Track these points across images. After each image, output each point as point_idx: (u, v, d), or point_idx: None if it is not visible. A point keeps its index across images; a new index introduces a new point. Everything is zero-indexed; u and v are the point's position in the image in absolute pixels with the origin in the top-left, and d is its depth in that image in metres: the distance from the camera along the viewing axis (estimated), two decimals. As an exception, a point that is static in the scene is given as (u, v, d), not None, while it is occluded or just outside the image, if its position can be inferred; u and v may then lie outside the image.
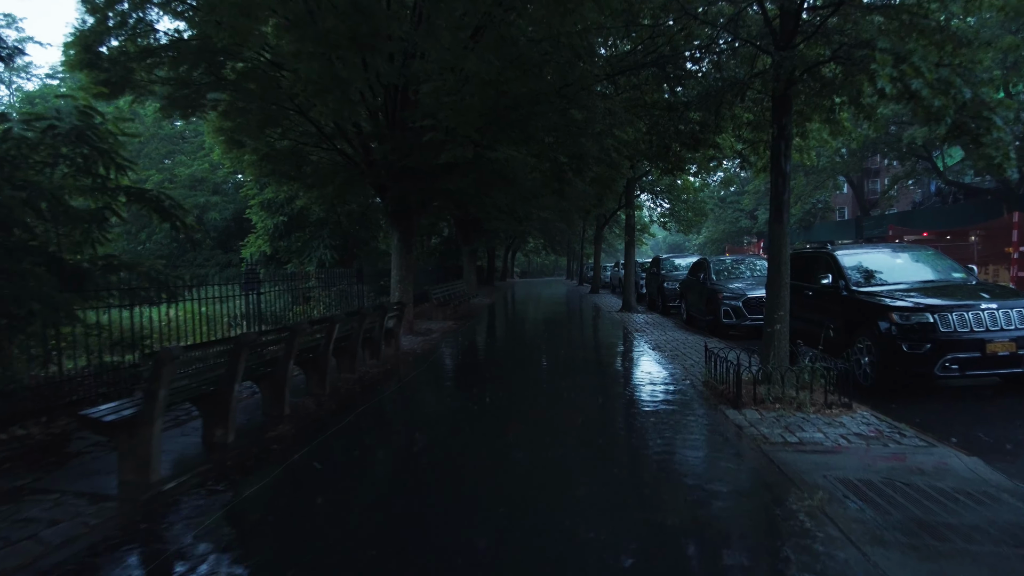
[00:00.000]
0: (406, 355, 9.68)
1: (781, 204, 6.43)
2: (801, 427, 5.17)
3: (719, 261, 13.67)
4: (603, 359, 9.57)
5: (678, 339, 11.18)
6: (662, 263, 18.61)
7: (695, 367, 8.16)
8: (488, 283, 36.37)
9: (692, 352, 9.46)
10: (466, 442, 5.21)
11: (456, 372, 8.79)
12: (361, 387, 7.31)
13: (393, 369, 8.50)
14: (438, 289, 16.16)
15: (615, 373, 8.36)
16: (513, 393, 7.17)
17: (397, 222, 11.96)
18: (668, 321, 14.67)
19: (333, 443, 5.19)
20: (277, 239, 14.15)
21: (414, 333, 12.13)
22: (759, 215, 48.09)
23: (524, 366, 8.97)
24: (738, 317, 11.58)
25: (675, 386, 7.05)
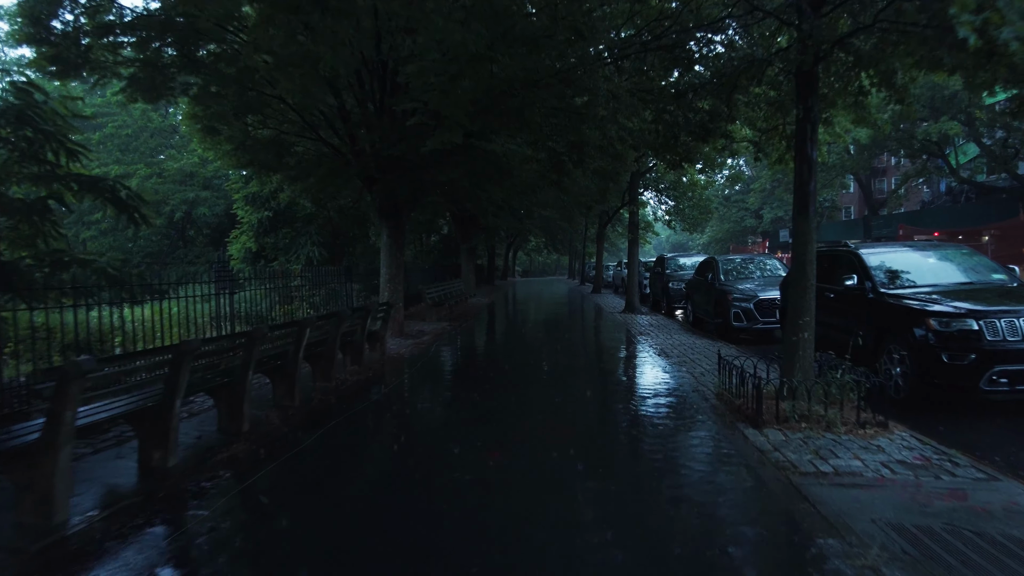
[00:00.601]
0: (393, 360, 8.98)
1: (806, 195, 5.71)
2: (833, 452, 4.46)
3: (728, 260, 12.94)
4: (605, 366, 8.86)
5: (685, 343, 10.46)
6: (667, 262, 17.89)
7: (706, 376, 7.45)
8: (488, 282, 35.67)
9: (701, 359, 8.75)
10: (446, 467, 4.50)
11: (444, 380, 8.09)
12: (337, 397, 6.61)
13: (376, 376, 7.81)
14: (433, 288, 15.46)
15: (618, 383, 7.65)
16: (505, 407, 6.46)
17: (386, 217, 11.26)
18: (673, 323, 13.95)
19: (291, 467, 4.49)
20: (262, 235, 13.45)
21: (404, 335, 11.43)
22: (764, 214, 47.36)
23: (519, 374, 8.27)
24: (749, 320, 10.86)
25: (685, 399, 6.34)
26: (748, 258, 13.22)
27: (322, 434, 5.25)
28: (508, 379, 7.88)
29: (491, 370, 8.57)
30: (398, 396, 6.88)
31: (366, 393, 6.82)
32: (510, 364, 9.05)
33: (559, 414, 6.02)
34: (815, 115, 5.68)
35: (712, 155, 9.67)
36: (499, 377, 8.01)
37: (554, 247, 48.42)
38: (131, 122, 24.88)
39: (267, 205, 13.29)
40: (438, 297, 15.49)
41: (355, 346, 8.01)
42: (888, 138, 25.46)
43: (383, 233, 11.46)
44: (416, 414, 6.33)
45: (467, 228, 22.10)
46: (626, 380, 7.72)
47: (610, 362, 9.15)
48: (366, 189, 10.83)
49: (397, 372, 8.15)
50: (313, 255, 12.70)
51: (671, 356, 9.06)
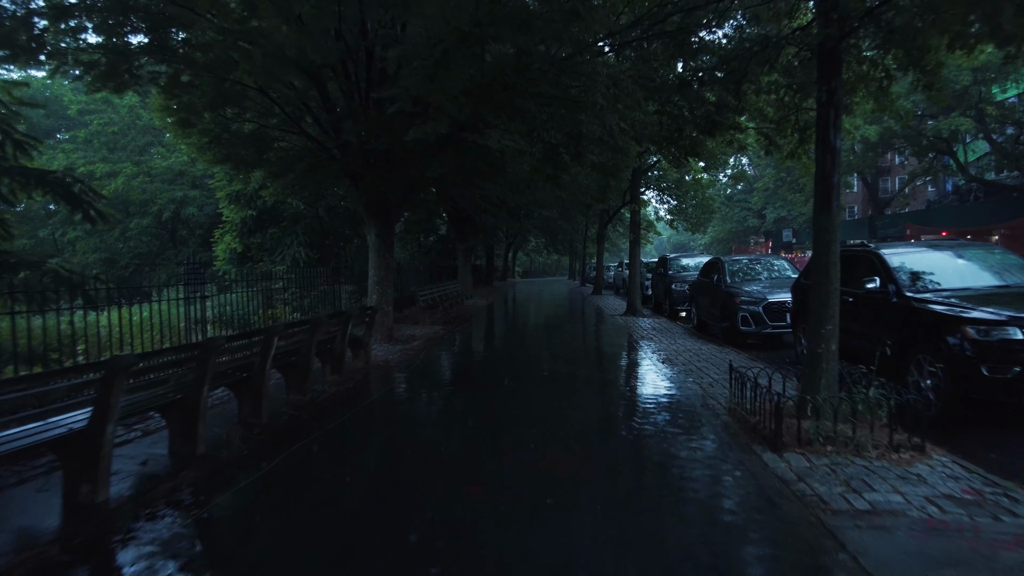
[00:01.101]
0: (378, 369, 8.39)
1: (829, 188, 5.11)
2: (867, 482, 3.86)
3: (734, 261, 12.35)
4: (606, 376, 8.25)
5: (691, 349, 9.87)
6: (669, 263, 17.29)
7: (715, 387, 6.85)
8: (487, 283, 35.07)
9: (709, 367, 8.15)
10: (426, 501, 3.91)
11: (430, 392, 7.50)
12: (311, 413, 6.02)
13: (357, 388, 7.21)
14: (426, 290, 14.87)
15: (621, 396, 7.04)
16: (495, 427, 5.87)
17: (374, 216, 10.67)
18: (677, 327, 13.35)
19: (243, 501, 3.91)
20: (246, 235, 12.87)
21: (394, 341, 10.84)
22: (767, 213, 46.73)
23: (513, 385, 7.67)
24: (758, 324, 10.26)
25: (693, 415, 5.74)
26: (755, 258, 12.63)
27: (285, 458, 4.66)
28: (501, 392, 7.29)
29: (483, 380, 7.98)
30: (377, 412, 6.29)
31: (342, 409, 6.22)
32: (504, 374, 8.46)
33: (555, 434, 5.42)
34: (839, 99, 5.08)
35: (720, 149, 9.09)
36: (491, 389, 7.42)
37: (554, 247, 47.82)
38: (118, 119, 24.19)
39: (252, 204, 12.69)
40: (432, 299, 14.90)
41: (335, 354, 7.43)
42: (895, 136, 24.86)
43: (371, 232, 10.87)
44: (395, 435, 5.74)
45: (464, 228, 21.51)
46: (629, 392, 7.11)
47: (611, 371, 8.55)
48: (353, 186, 10.25)
49: (381, 383, 7.56)
50: (299, 256, 12.11)
51: (676, 364, 8.47)
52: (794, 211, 43.20)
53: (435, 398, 7.10)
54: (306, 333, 6.53)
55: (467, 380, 8.02)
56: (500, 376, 8.21)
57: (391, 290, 11.10)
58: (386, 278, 10.87)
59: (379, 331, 10.77)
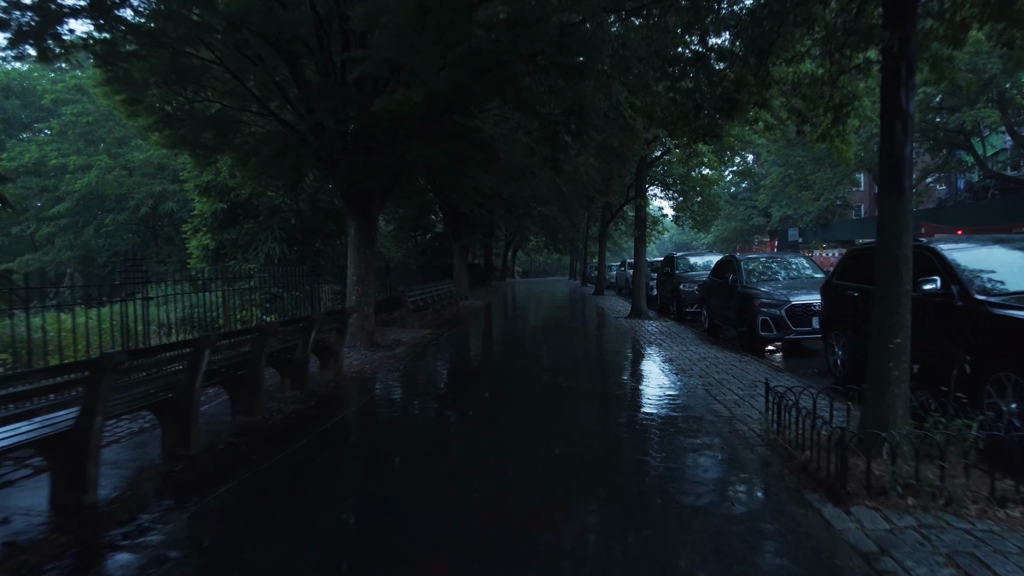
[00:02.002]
0: (350, 381, 7.32)
1: (900, 164, 4.03)
2: (983, 560, 2.79)
3: (751, 260, 11.27)
4: (612, 391, 7.12)
5: (706, 358, 8.79)
6: (676, 262, 16.20)
7: (742, 407, 5.78)
8: (485, 283, 34.01)
9: (731, 380, 7.08)
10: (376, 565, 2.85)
11: (402, 412, 6.40)
12: (253, 441, 4.96)
13: (320, 406, 6.14)
14: (415, 291, 13.80)
15: (628, 418, 5.94)
16: (475, 461, 4.80)
17: (353, 208, 9.62)
18: (687, 331, 12.27)
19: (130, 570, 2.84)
20: (219, 230, 11.81)
21: (375, 347, 9.77)
22: (773, 212, 45.63)
23: (502, 404, 6.59)
24: (779, 330, 9.18)
25: (721, 445, 4.66)
26: (773, 257, 11.55)
27: (198, 511, 3.59)
28: (487, 412, 6.22)
29: (469, 396, 6.90)
30: (334, 442, 5.21)
31: (293, 435, 5.15)
32: (493, 388, 7.39)
33: (547, 477, 4.34)
34: (913, 50, 4.00)
35: (742, 131, 8.10)
36: (477, 407, 6.35)
37: (554, 246, 46.78)
38: (93, 109, 22.94)
39: (225, 196, 11.62)
40: (421, 301, 13.83)
41: (295, 366, 6.36)
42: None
43: (350, 227, 9.81)
44: (351, 468, 4.66)
45: (459, 225, 20.45)
46: (640, 414, 6.01)
47: (618, 385, 7.47)
48: (329, 174, 9.18)
49: (349, 399, 6.49)
50: (273, 253, 11.06)
51: (691, 375, 7.41)
52: (800, 209, 42.10)
53: (406, 420, 6.01)
54: (254, 343, 5.46)
55: (450, 396, 6.93)
56: (489, 391, 7.14)
57: (373, 290, 10.03)
58: (367, 277, 9.80)
59: (358, 336, 9.71)
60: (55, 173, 22.20)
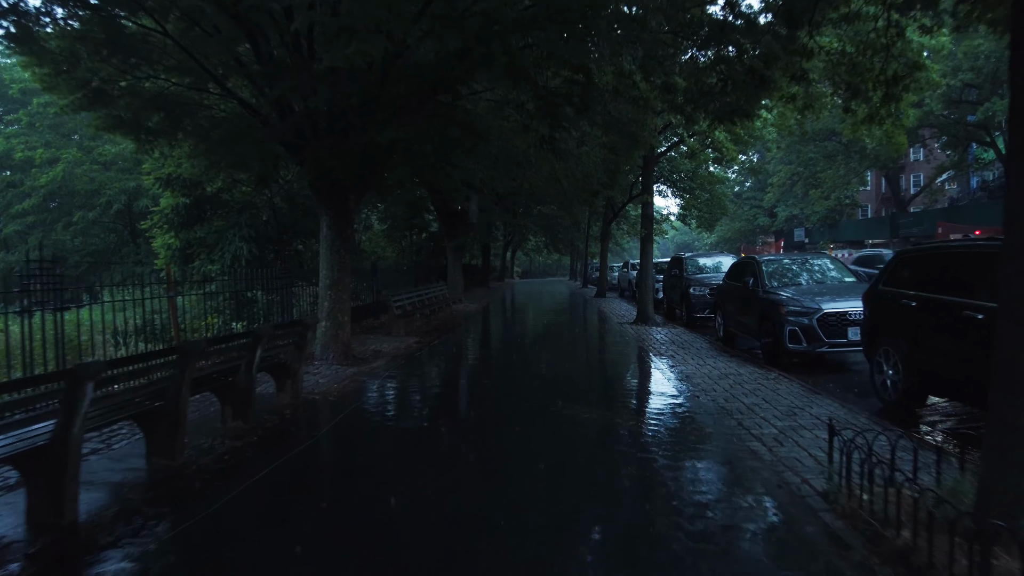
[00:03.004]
0: (309, 406, 6.17)
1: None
2: None
3: (773, 261, 10.13)
4: (620, 422, 5.79)
5: (727, 374, 7.65)
6: (685, 264, 15.06)
7: (785, 446, 4.64)
8: (482, 284, 32.88)
9: (762, 404, 5.94)
10: None
11: (363, 452, 5.20)
12: (169, 495, 3.81)
13: (264, 441, 4.99)
14: (402, 295, 12.65)
15: (644, 464, 4.77)
16: (447, 529, 3.66)
17: (325, 201, 8.49)
18: (699, 340, 11.12)
19: None
20: (182, 228, 10.66)
21: (349, 360, 8.63)
22: (779, 211, 44.49)
23: (487, 439, 5.42)
24: (810, 341, 8.05)
25: (771, 511, 3.51)
26: (798, 258, 10.40)
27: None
28: (467, 451, 5.07)
29: (447, 426, 5.74)
30: (269, 494, 4.06)
31: (217, 485, 4.00)
32: (479, 416, 6.25)
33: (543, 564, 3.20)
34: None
35: (779, 109, 7.03)
36: (455, 443, 5.20)
37: (554, 247, 45.67)
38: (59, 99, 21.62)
39: (189, 190, 10.45)
40: (408, 305, 12.68)
41: (237, 392, 5.21)
42: (929, 123, 22.66)
43: (322, 223, 8.67)
44: (284, 546, 3.51)
45: (453, 224, 19.29)
46: (660, 459, 4.82)
47: (628, 412, 6.28)
48: (297, 161, 8.05)
49: (302, 431, 5.35)
50: (241, 253, 9.93)
51: (714, 397, 6.27)
52: (807, 209, 40.97)
53: (365, 466, 4.83)
54: (175, 366, 4.32)
55: (425, 429, 5.75)
56: (472, 418, 5.99)
57: (348, 296, 8.89)
58: (341, 280, 8.66)
59: (331, 348, 8.58)
60: (22, 167, 21.02)
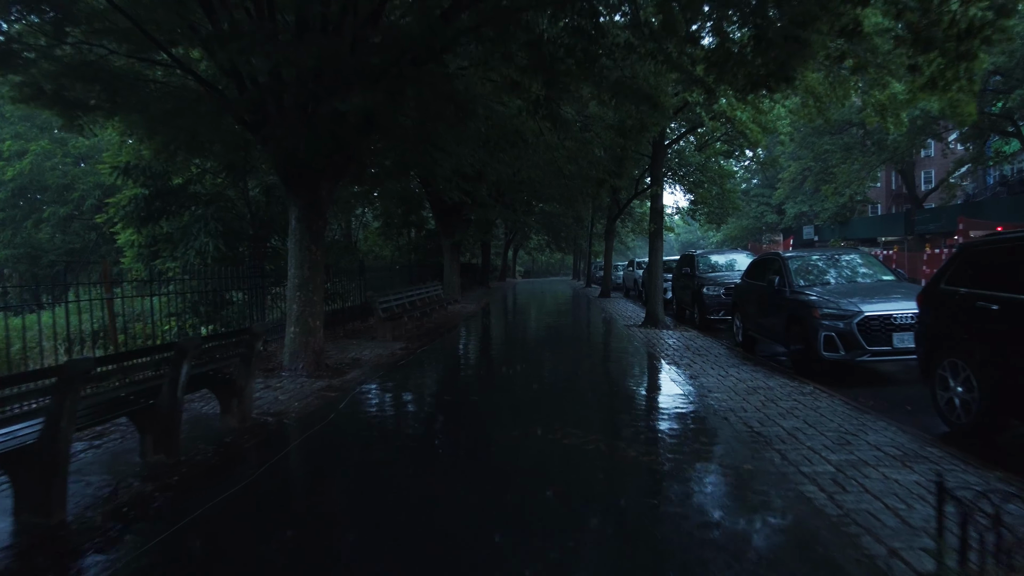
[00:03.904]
0: (259, 430, 5.13)
1: None
2: None
3: (800, 258, 9.05)
4: (634, 457, 4.56)
5: (755, 388, 6.59)
6: (696, 261, 13.98)
7: (851, 494, 3.58)
8: (482, 284, 31.85)
9: (805, 429, 4.89)
10: None
11: (317, 490, 4.15)
12: (27, 569, 2.78)
13: (188, 482, 3.96)
14: (389, 296, 11.61)
15: (669, 528, 3.68)
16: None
17: (293, 189, 7.48)
18: (716, 345, 10.06)
19: None
20: (142, 222, 9.60)
21: (321, 371, 7.60)
22: (787, 209, 43.28)
23: (470, 488, 4.36)
24: (849, 349, 6.98)
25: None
26: (826, 254, 9.30)
27: None
28: (444, 490, 4.01)
29: (421, 463, 4.69)
30: (178, 565, 3.02)
31: (97, 563, 2.96)
32: (464, 445, 5.19)
33: None
34: None
35: (826, 71, 5.92)
36: (427, 483, 4.15)
37: (556, 245, 44.61)
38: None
39: (151, 180, 9.37)
40: (397, 307, 11.65)
41: (159, 418, 4.18)
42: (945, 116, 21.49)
43: (291, 215, 7.66)
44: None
45: (449, 221, 18.26)
46: (689, 518, 3.74)
47: (642, 442, 5.17)
48: (260, 143, 7.02)
49: (240, 468, 4.30)
50: (207, 249, 8.90)
51: (745, 418, 5.22)
52: (817, 206, 39.77)
53: (310, 518, 3.79)
54: (54, 393, 3.29)
55: (391, 462, 4.66)
56: (450, 449, 4.94)
57: (321, 298, 7.86)
58: (312, 280, 7.63)
59: (301, 357, 7.56)
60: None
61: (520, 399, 6.51)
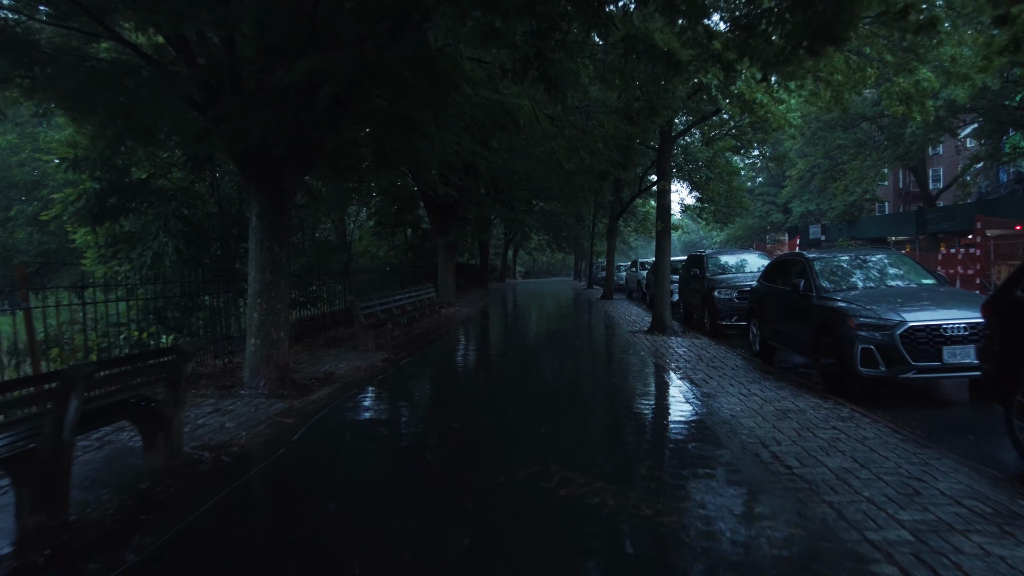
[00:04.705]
0: (188, 470, 4.20)
1: None
2: None
3: (824, 258, 8.10)
4: (643, 514, 3.67)
5: (784, 410, 5.65)
6: (706, 262, 13.02)
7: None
8: (480, 285, 30.91)
9: (857, 471, 3.95)
10: None
11: (244, 563, 3.24)
12: None
13: (69, 551, 3.03)
14: (374, 301, 10.66)
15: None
16: None
17: (253, 180, 6.57)
18: (731, 355, 9.12)
19: None
20: (92, 219, 8.65)
21: (285, 389, 6.67)
22: (793, 207, 42.27)
23: (426, 542, 3.46)
24: (890, 364, 6.03)
25: None
26: (857, 255, 8.32)
27: None
28: (412, 558, 3.08)
29: (383, 514, 3.75)
30: None
31: None
32: (439, 485, 4.25)
33: None
34: None
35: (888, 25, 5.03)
36: (388, 554, 3.22)
37: (557, 245, 43.68)
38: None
39: (108, 173, 8.39)
40: (383, 312, 10.71)
41: (38, 467, 3.24)
42: (972, 107, 20.48)
43: (251, 210, 6.74)
44: None
45: (443, 219, 17.31)
46: None
47: (654, 492, 4.27)
48: (211, 125, 6.08)
49: (148, 527, 3.37)
50: (165, 250, 7.96)
51: (781, 453, 4.28)
52: (824, 204, 38.76)
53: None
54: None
55: (344, 518, 3.74)
56: (421, 508, 4.00)
57: (286, 305, 6.93)
58: (275, 285, 6.70)
59: (262, 372, 6.63)
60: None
61: (511, 428, 5.55)
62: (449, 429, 5.46)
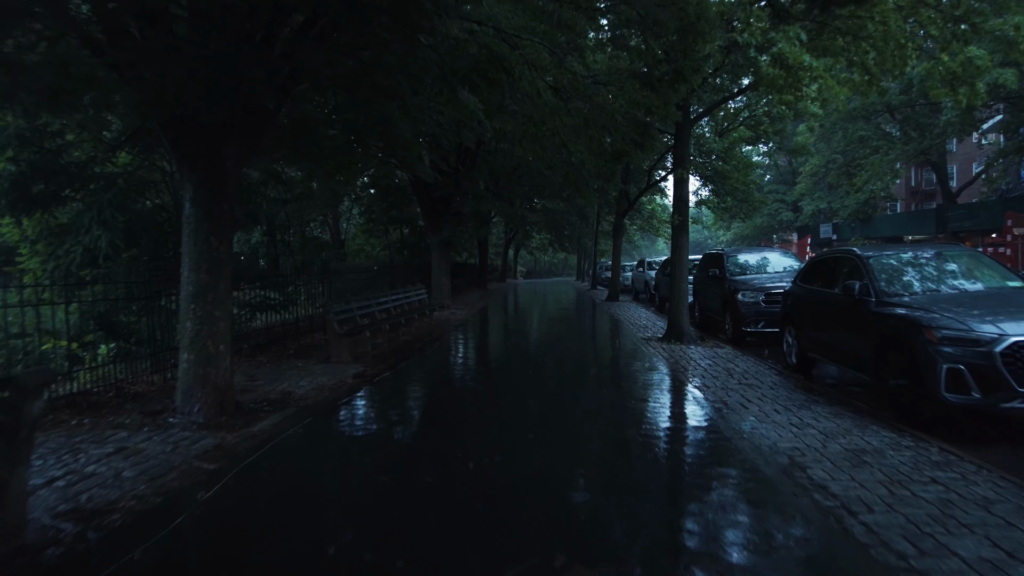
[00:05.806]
0: (27, 554, 2.90)
1: None
2: None
3: (884, 256, 6.76)
4: None
5: (855, 449, 4.33)
6: (726, 261, 11.68)
7: None
8: (479, 286, 29.60)
9: (1004, 561, 2.63)
10: None
11: None
12: None
13: None
14: (352, 304, 9.35)
15: None
16: None
17: (186, 157, 5.29)
18: (763, 368, 7.82)
19: None
20: (11, 207, 7.36)
21: (225, 416, 5.38)
22: (804, 206, 40.88)
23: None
24: (988, 391, 4.73)
25: None
26: (920, 253, 6.97)
27: None
28: None
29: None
30: None
31: None
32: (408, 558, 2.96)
33: None
34: None
35: None
36: None
37: (560, 245, 42.35)
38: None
39: (32, 153, 7.11)
40: (362, 317, 9.40)
41: None
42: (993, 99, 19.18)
43: (183, 194, 5.45)
44: None
45: (437, 214, 16.01)
46: None
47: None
48: (126, 83, 4.82)
49: None
50: (98, 246, 6.70)
51: (882, 531, 2.97)
52: (836, 202, 37.40)
53: None
54: None
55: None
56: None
57: (227, 313, 5.64)
58: (214, 287, 5.41)
59: (197, 395, 5.34)
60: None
61: (499, 480, 4.22)
62: (424, 480, 4.14)
